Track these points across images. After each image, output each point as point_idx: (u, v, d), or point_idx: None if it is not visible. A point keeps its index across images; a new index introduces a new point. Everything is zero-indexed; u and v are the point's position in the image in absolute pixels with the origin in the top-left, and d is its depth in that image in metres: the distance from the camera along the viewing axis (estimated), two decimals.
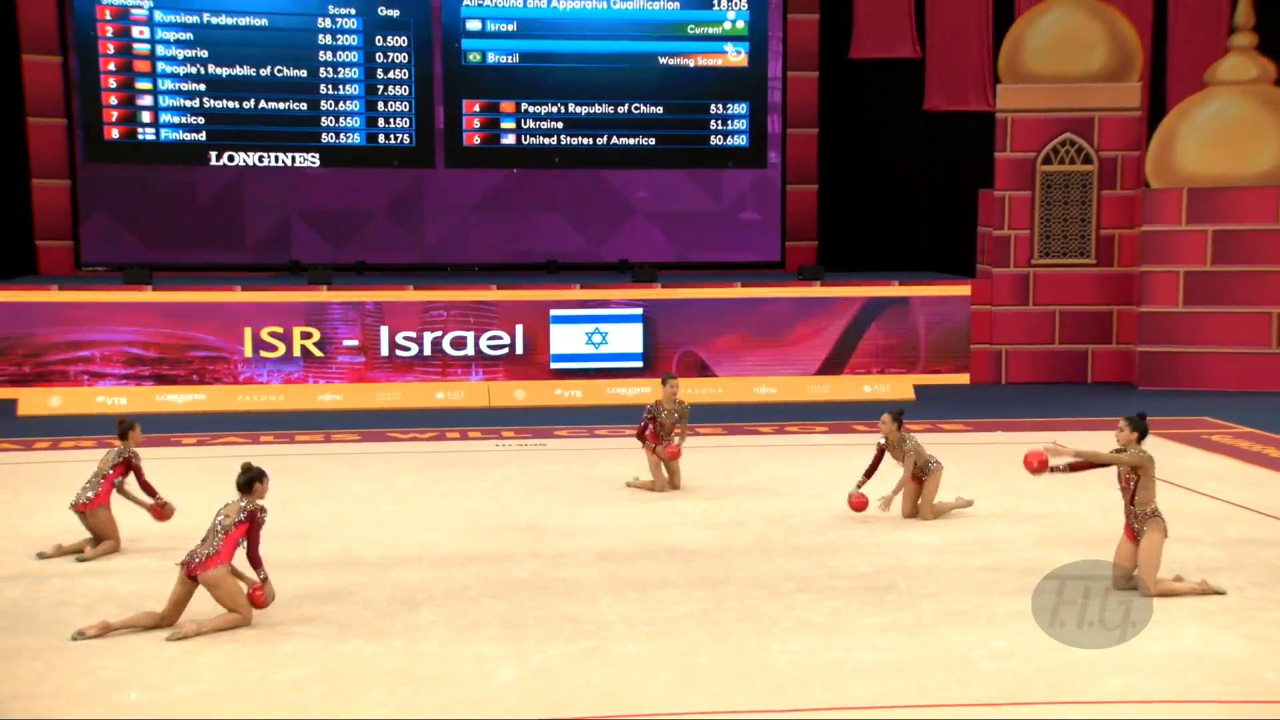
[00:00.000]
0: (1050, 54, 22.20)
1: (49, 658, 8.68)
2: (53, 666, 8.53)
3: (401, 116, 24.26)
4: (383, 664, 8.58)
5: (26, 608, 9.81)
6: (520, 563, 11.08)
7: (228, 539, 9.36)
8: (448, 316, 20.97)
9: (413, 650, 8.85)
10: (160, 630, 9.15)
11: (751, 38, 24.85)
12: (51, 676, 8.35)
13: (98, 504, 11.34)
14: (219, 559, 9.29)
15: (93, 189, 23.82)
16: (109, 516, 11.40)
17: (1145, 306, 21.58)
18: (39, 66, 23.42)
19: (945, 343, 21.75)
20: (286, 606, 9.76)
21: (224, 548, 9.34)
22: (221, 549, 9.33)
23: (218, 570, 9.27)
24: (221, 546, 9.33)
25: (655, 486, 13.96)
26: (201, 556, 9.30)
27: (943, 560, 11.07)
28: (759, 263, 25.29)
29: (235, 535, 9.38)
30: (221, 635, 9.08)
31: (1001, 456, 15.83)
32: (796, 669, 8.47)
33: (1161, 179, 21.54)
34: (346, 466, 15.15)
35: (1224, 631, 9.15)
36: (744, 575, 10.66)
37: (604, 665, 8.55)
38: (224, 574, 9.30)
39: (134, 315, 20.29)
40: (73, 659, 8.65)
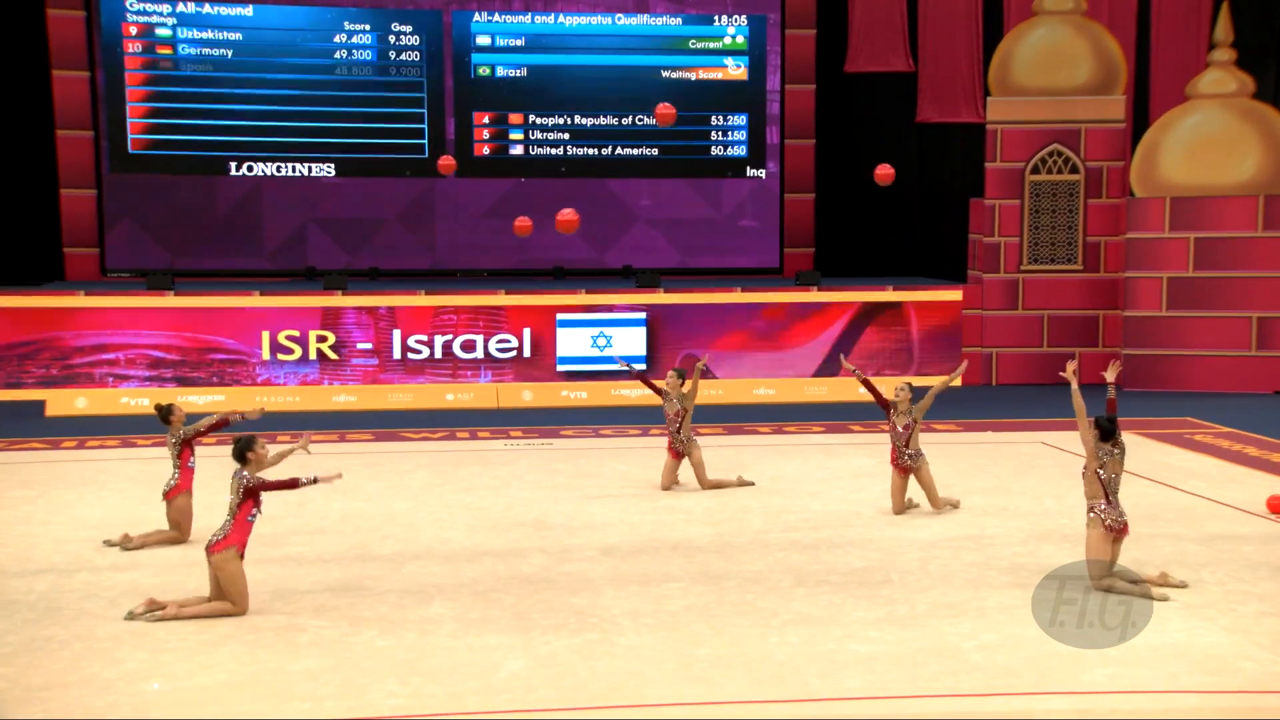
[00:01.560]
0: (1038, 68, 22.20)
1: (76, 648, 8.70)
2: (80, 657, 8.54)
3: (414, 128, 24.27)
4: (395, 655, 8.59)
5: (54, 600, 9.82)
6: (528, 558, 11.09)
7: (237, 520, 9.40)
8: (458, 320, 20.97)
9: (424, 642, 8.85)
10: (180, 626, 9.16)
11: (751, 52, 24.87)
12: (79, 666, 8.37)
13: (178, 492, 11.48)
14: (228, 541, 9.35)
15: (118, 198, 23.86)
16: (185, 504, 11.47)
17: (1130, 311, 21.56)
18: (68, 81, 23.45)
19: (938, 346, 21.75)
20: (303, 600, 9.78)
21: (234, 529, 9.38)
22: (231, 531, 9.38)
23: (225, 554, 9.32)
24: (231, 529, 9.38)
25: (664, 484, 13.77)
26: (216, 537, 9.39)
27: (934, 555, 11.07)
28: (758, 268, 25.31)
29: (242, 514, 9.42)
30: (241, 628, 9.08)
31: (991, 455, 15.84)
32: (794, 660, 8.47)
33: (1145, 188, 21.53)
34: (361, 465, 15.15)
35: (1207, 624, 9.15)
36: (744, 570, 10.66)
37: (608, 656, 8.55)
38: (229, 558, 9.31)
39: (157, 319, 20.30)
40: (99, 650, 8.66)
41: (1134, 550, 11.04)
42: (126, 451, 16.44)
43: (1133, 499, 13.15)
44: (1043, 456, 15.76)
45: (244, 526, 9.41)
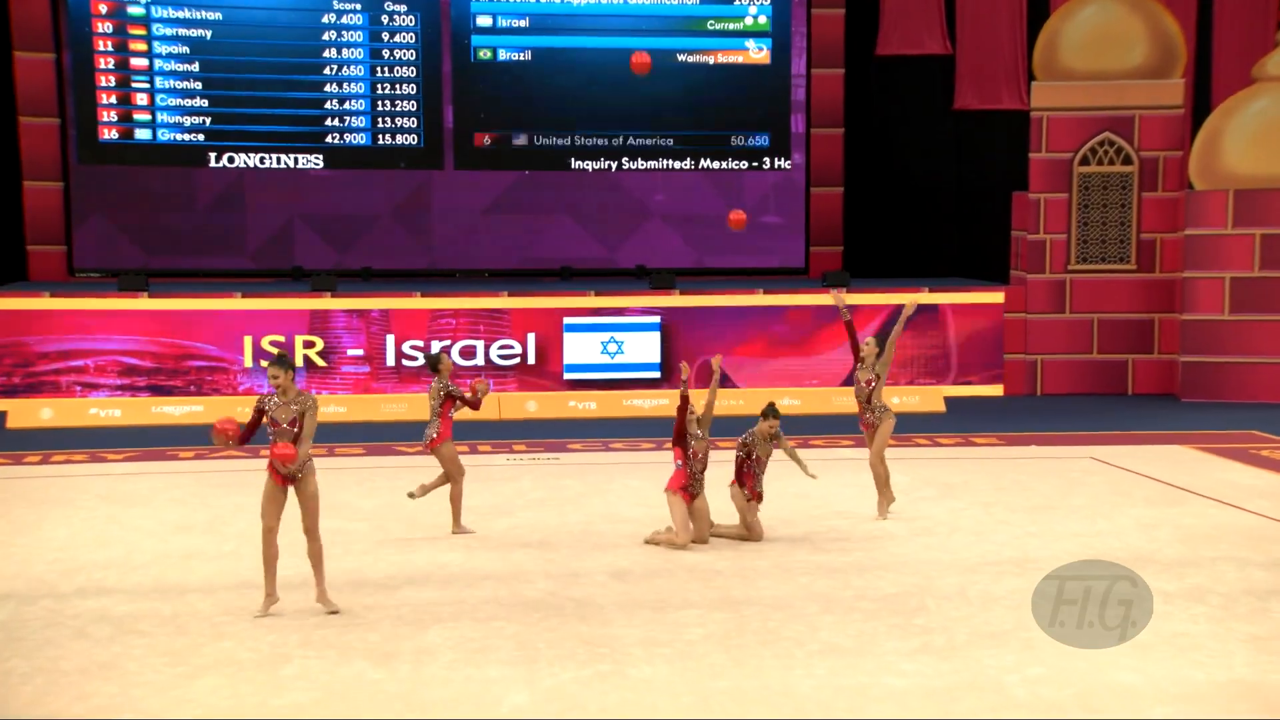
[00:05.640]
0: (1088, 49, 22.16)
1: (39, 682, 8.69)
2: (43, 691, 8.54)
3: (409, 116, 24.32)
4: (388, 688, 8.58)
5: (14, 630, 9.82)
6: (532, 582, 11.07)
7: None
8: (457, 325, 21.00)
9: (420, 673, 8.84)
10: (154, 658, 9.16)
11: (774, 33, 24.87)
12: (43, 702, 8.36)
13: (440, 441, 12.72)
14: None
15: (87, 192, 23.94)
16: (451, 451, 12.78)
17: (1188, 314, 21.50)
18: (31, 64, 23.54)
19: (977, 352, 21.70)
20: (288, 628, 9.77)
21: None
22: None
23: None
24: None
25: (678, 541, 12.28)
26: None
27: (974, 580, 11.03)
28: (781, 269, 25.31)
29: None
30: (221, 659, 9.07)
31: (1036, 471, 15.79)
32: (821, 694, 8.44)
33: (1206, 180, 21.47)
34: (352, 482, 15.16)
35: (1276, 659, 9.07)
36: (766, 596, 10.63)
37: (619, 689, 8.53)
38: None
39: (129, 323, 20.36)
40: (65, 684, 8.65)
41: (1196, 576, 11.01)
42: (95, 467, 16.47)
43: (1191, 519, 13.14)
44: (1093, 473, 15.72)
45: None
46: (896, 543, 12.40)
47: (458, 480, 12.85)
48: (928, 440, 18.20)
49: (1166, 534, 12.56)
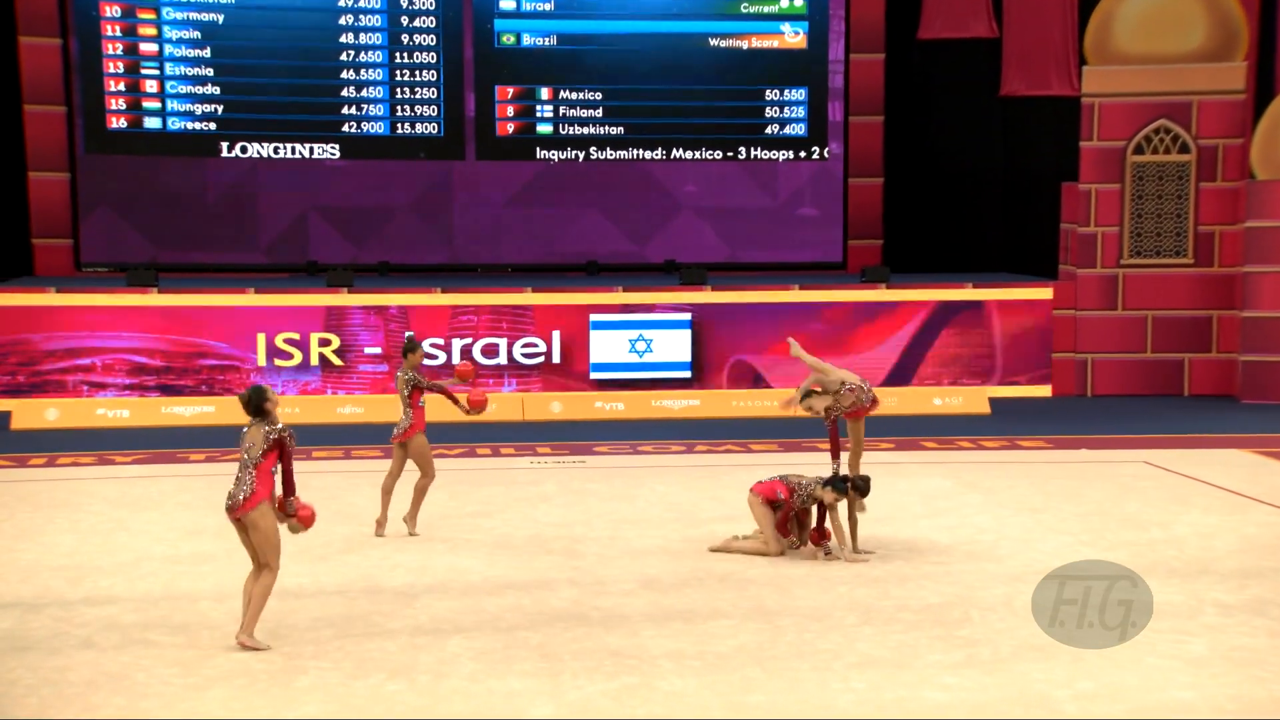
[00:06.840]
0: (1143, 31, 22.06)
1: (44, 694, 8.75)
2: (50, 704, 8.59)
3: (429, 104, 24.37)
4: (406, 700, 8.61)
5: (19, 639, 9.88)
6: (557, 590, 11.09)
7: (260, 471, 9.60)
8: (478, 322, 21.04)
9: (439, 686, 8.87)
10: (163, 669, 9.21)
11: (811, 16, 24.81)
12: (49, 713, 8.41)
13: (413, 433, 12.90)
14: (257, 498, 9.59)
15: (94, 183, 24.05)
16: (423, 445, 12.96)
17: (1249, 311, 21.38)
18: (37, 49, 23.67)
19: (1024, 351, 21.63)
20: (302, 638, 9.82)
21: (259, 484, 9.59)
22: (257, 486, 9.59)
23: (258, 510, 9.58)
24: (256, 485, 9.58)
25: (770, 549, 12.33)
26: (238, 499, 9.62)
27: (1020, 590, 11.00)
28: (818, 263, 25.24)
29: (267, 465, 9.64)
30: (234, 670, 9.12)
31: (1086, 476, 15.73)
32: (860, 708, 8.44)
33: (1268, 169, 21.35)
34: (368, 485, 15.17)
35: None
36: (802, 605, 10.63)
37: (648, 703, 8.54)
38: (264, 513, 9.59)
39: (138, 320, 20.47)
40: (71, 696, 8.71)
41: (1256, 587, 10.96)
42: (103, 470, 16.57)
43: (1254, 529, 13.07)
44: (1146, 479, 15.64)
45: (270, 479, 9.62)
46: (939, 551, 12.38)
47: (428, 477, 13.14)
48: (971, 443, 18.15)
49: (1225, 543, 12.50)
